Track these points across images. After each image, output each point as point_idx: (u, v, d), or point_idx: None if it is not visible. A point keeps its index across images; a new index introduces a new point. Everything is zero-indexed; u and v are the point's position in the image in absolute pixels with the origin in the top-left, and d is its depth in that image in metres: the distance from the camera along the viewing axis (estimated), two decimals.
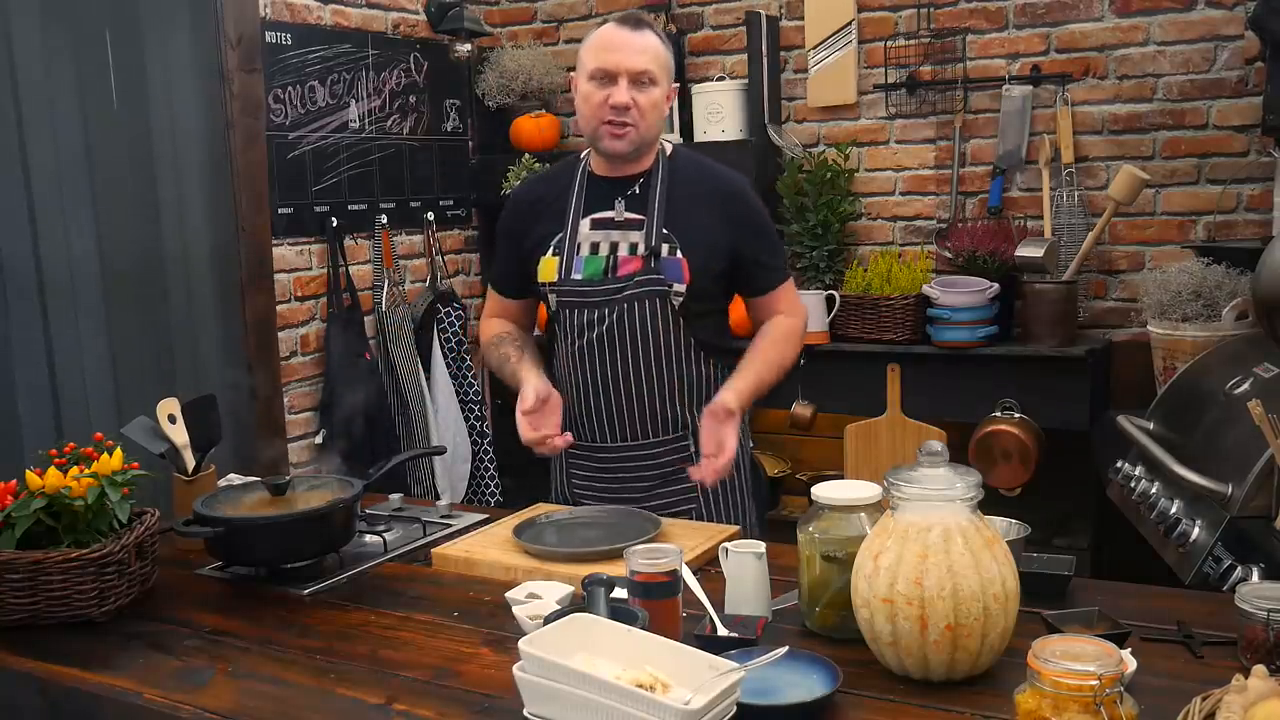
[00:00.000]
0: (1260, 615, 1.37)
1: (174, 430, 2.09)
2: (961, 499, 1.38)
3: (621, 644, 1.32)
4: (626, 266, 2.07)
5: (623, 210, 2.10)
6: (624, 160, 2.10)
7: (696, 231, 2.07)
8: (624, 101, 2.01)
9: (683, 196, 2.09)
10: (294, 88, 3.51)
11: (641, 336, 2.08)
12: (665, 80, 2.07)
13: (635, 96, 2.02)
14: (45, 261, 2.86)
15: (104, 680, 1.52)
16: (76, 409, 2.91)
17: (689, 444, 2.14)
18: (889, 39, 3.69)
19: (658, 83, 2.04)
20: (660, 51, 2.06)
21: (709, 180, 2.13)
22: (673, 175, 2.11)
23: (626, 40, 2.02)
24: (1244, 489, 2.11)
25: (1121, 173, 3.25)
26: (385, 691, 1.44)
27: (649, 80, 2.03)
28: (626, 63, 2.01)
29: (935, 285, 3.44)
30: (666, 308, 2.07)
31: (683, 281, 2.05)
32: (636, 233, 2.08)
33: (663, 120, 2.10)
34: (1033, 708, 1.16)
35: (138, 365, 3.06)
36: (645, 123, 2.04)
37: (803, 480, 3.89)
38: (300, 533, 1.85)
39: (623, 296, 2.07)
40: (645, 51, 2.03)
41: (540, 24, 4.33)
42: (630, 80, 2.02)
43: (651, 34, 2.06)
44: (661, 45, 2.07)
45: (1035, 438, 3.31)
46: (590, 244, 2.11)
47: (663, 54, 2.06)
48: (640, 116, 2.03)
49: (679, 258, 2.06)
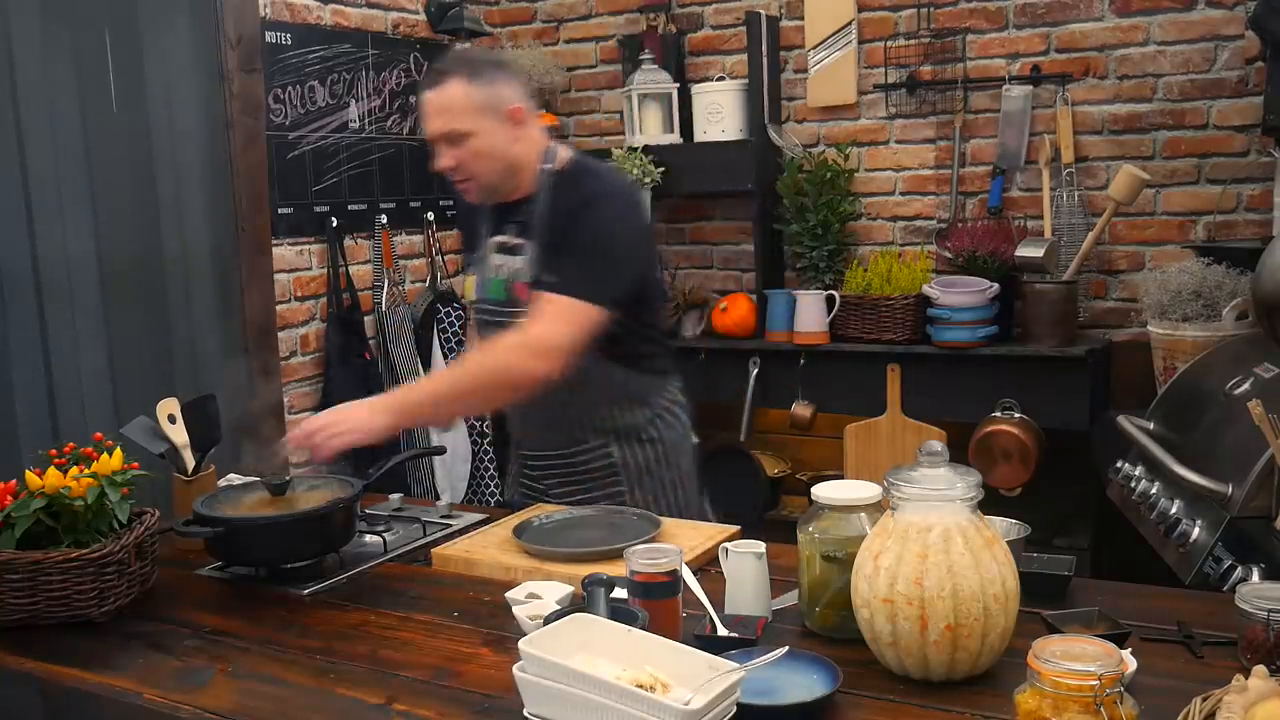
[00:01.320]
0: (1260, 615, 1.37)
1: (174, 430, 2.09)
2: (961, 499, 1.38)
3: (621, 644, 1.32)
4: (520, 292, 2.10)
5: (513, 236, 2.13)
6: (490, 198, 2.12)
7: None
8: (446, 165, 2.04)
9: (560, 219, 2.05)
10: (294, 88, 3.51)
11: None
12: (484, 121, 2.01)
13: (457, 154, 2.02)
14: (44, 262, 2.85)
15: (104, 680, 1.52)
16: (75, 409, 2.91)
17: (611, 450, 2.18)
18: (889, 39, 3.69)
19: (473, 132, 2.00)
20: (462, 100, 1.99)
21: (573, 199, 2.06)
22: (551, 199, 2.07)
23: (427, 105, 2.02)
24: (1244, 489, 2.11)
25: (1121, 173, 3.25)
26: (385, 691, 1.44)
27: (461, 136, 2.01)
28: (430, 129, 2.03)
29: (935, 285, 3.44)
30: None
31: None
32: (522, 259, 2.11)
33: (503, 157, 2.05)
34: (1033, 708, 1.16)
35: (137, 365, 3.06)
36: (479, 173, 2.05)
37: (803, 480, 3.89)
38: (300, 533, 1.85)
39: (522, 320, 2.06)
40: (444, 113, 2.00)
41: (540, 24, 4.33)
42: (445, 143, 2.02)
43: (453, 83, 2.00)
44: (466, 89, 1.99)
45: (1035, 438, 3.31)
46: (495, 266, 2.16)
47: (467, 100, 1.99)
48: (470, 170, 2.04)
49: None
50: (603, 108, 4.25)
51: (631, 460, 2.19)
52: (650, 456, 2.21)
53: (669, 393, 2.28)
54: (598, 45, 4.24)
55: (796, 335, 3.64)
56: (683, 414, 2.30)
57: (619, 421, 2.18)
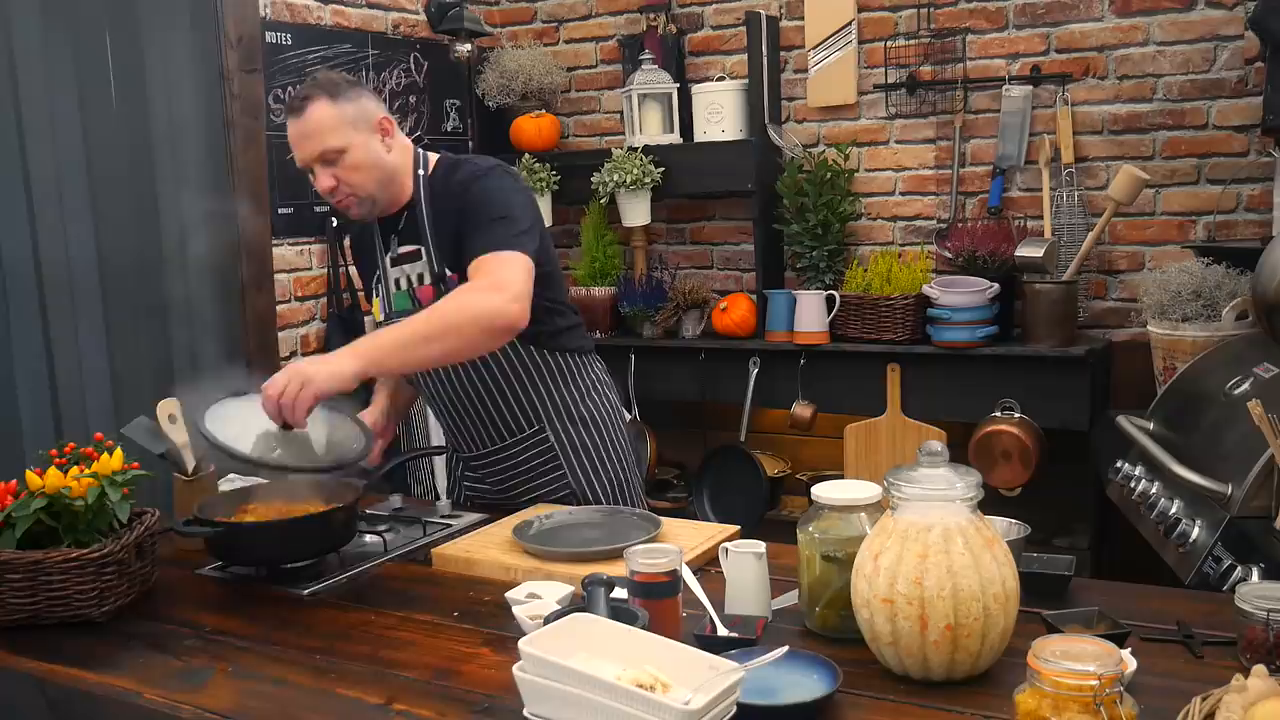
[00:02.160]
0: (1260, 615, 1.37)
1: (174, 430, 2.09)
2: (961, 499, 1.38)
3: (621, 644, 1.32)
4: (425, 295, 2.12)
5: (396, 247, 2.16)
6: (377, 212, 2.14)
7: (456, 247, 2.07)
8: (326, 186, 2.04)
9: (443, 216, 2.09)
10: (294, 88, 3.51)
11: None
12: (354, 135, 2.02)
13: (335, 173, 2.03)
14: (45, 261, 2.85)
15: (104, 680, 1.52)
16: (76, 409, 2.91)
17: (548, 436, 2.22)
18: (889, 39, 3.69)
19: (345, 148, 2.01)
20: (328, 119, 2.00)
21: (454, 186, 2.10)
22: (431, 199, 2.12)
23: (295, 132, 2.03)
24: (1244, 489, 2.11)
25: (1121, 173, 3.25)
26: (385, 691, 1.44)
27: (333, 153, 2.01)
28: (305, 153, 2.03)
29: (935, 285, 3.44)
30: None
31: None
32: (420, 263, 2.14)
33: (379, 167, 2.07)
34: (1033, 708, 1.16)
35: (137, 365, 3.06)
36: (359, 187, 2.06)
37: (803, 480, 3.89)
38: (300, 533, 1.86)
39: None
40: (313, 135, 2.01)
41: (540, 24, 4.33)
42: (320, 165, 2.03)
43: (315, 105, 2.00)
44: (329, 107, 2.00)
45: (1035, 438, 3.31)
46: (394, 280, 2.19)
47: (332, 118, 2.00)
48: (351, 186, 2.05)
49: (455, 277, 2.07)
50: (603, 108, 4.25)
51: (567, 441, 2.23)
52: (584, 435, 2.24)
53: (593, 371, 2.31)
54: (598, 45, 4.24)
55: (796, 335, 3.64)
56: (610, 392, 2.33)
57: (548, 404, 2.21)
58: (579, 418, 2.24)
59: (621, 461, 2.29)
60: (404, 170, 2.13)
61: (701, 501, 3.93)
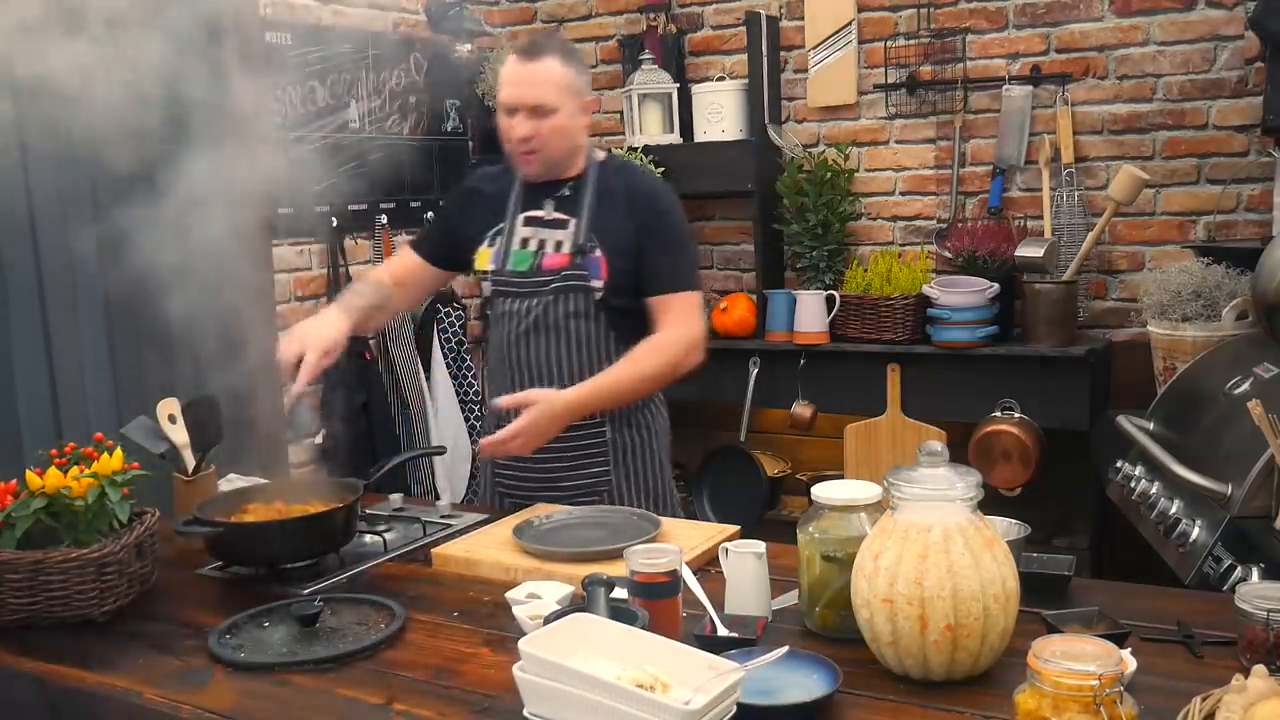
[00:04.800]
0: (1260, 615, 1.37)
1: (174, 430, 2.09)
2: (961, 499, 1.38)
3: (621, 644, 1.32)
4: (552, 262, 2.21)
5: (552, 210, 2.24)
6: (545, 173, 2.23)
7: (614, 233, 2.19)
8: (524, 134, 2.14)
9: (606, 201, 2.22)
10: (294, 88, 3.51)
11: (565, 326, 2.20)
12: (569, 101, 2.16)
13: (537, 126, 2.13)
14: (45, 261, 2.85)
15: (104, 680, 1.52)
16: (76, 409, 2.91)
17: (605, 430, 2.25)
18: (889, 39, 3.69)
19: (558, 109, 2.14)
20: (557, 78, 2.14)
21: (630, 187, 2.24)
22: (600, 181, 2.24)
23: (522, 74, 2.14)
24: (1244, 489, 2.11)
25: (1121, 173, 3.25)
26: (385, 691, 1.44)
27: (547, 110, 2.13)
28: (522, 98, 2.13)
29: (935, 285, 3.44)
30: (589, 301, 2.19)
31: (600, 278, 2.18)
32: (563, 231, 2.22)
33: (573, 138, 2.20)
34: (1033, 708, 1.16)
35: (138, 365, 3.06)
36: (550, 147, 2.17)
37: (803, 480, 3.89)
38: (300, 533, 1.86)
39: (549, 290, 2.20)
40: (539, 85, 2.12)
41: (540, 24, 4.33)
42: (529, 113, 2.13)
43: (550, 60, 2.14)
44: (562, 69, 2.14)
45: (1035, 438, 3.31)
46: (521, 239, 2.25)
47: (561, 79, 2.14)
48: (544, 143, 2.16)
49: (598, 256, 2.18)
50: (603, 108, 4.25)
51: (620, 441, 2.26)
52: (637, 440, 2.28)
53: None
54: (598, 45, 4.24)
55: (796, 335, 3.64)
56: (664, 407, 2.39)
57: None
58: (636, 423, 2.28)
59: (660, 469, 2.34)
60: (583, 149, 2.25)
61: (701, 501, 3.93)
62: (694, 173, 3.82)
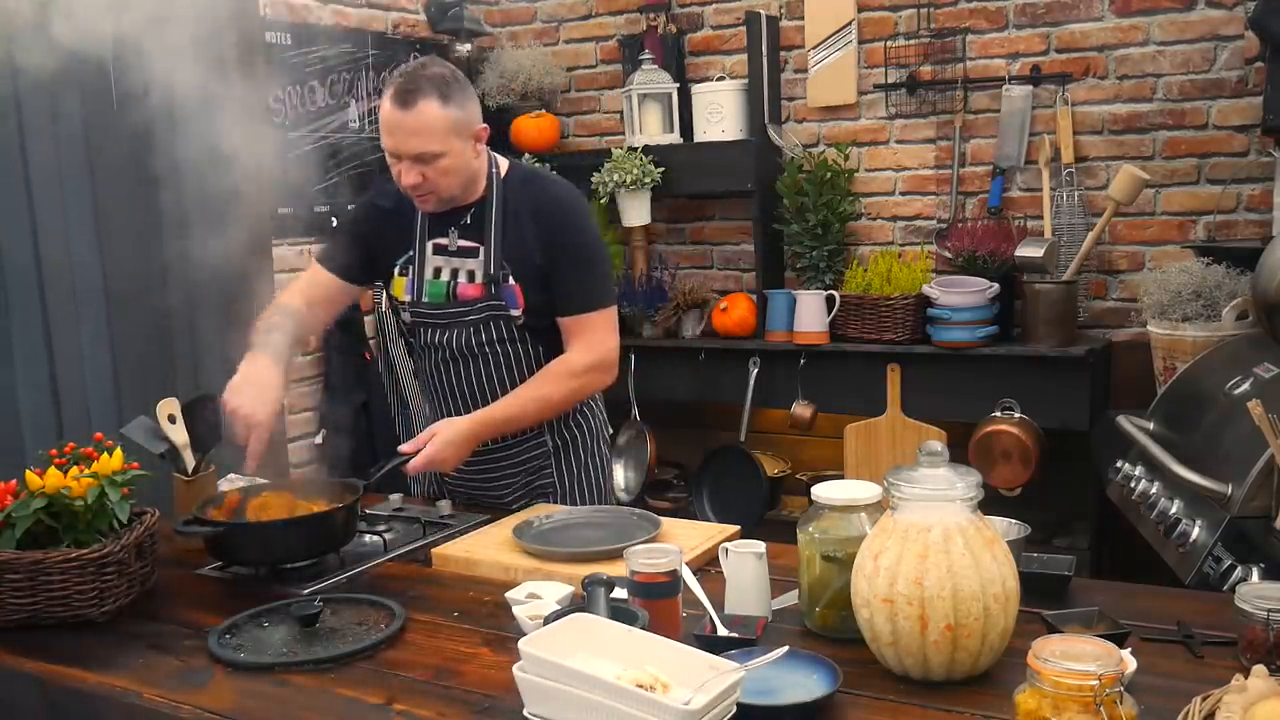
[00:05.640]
0: (1260, 615, 1.37)
1: (174, 430, 2.09)
2: (961, 499, 1.38)
3: (621, 644, 1.32)
4: (467, 291, 2.16)
5: (456, 239, 2.18)
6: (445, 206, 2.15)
7: (524, 260, 2.14)
8: (411, 182, 2.06)
9: (513, 222, 2.15)
10: (294, 88, 3.51)
11: (489, 353, 2.19)
12: (454, 142, 2.04)
13: (423, 171, 2.04)
14: (46, 261, 2.85)
15: (104, 680, 1.52)
16: (76, 409, 2.91)
17: (545, 440, 2.27)
18: (889, 39, 3.69)
19: (443, 154, 2.03)
20: (436, 124, 2.01)
21: (536, 201, 2.16)
22: (505, 201, 2.16)
23: (400, 123, 2.01)
24: (1244, 489, 2.11)
25: (1121, 173, 3.25)
26: (385, 691, 1.44)
27: (431, 156, 2.03)
28: (402, 146, 2.03)
29: (935, 285, 3.44)
30: (510, 326, 2.17)
31: (518, 307, 2.15)
32: (473, 260, 2.17)
33: (464, 172, 2.10)
34: (1033, 708, 1.16)
35: (138, 365, 3.06)
36: (441, 188, 2.09)
37: (803, 480, 3.89)
38: (300, 533, 1.86)
39: (468, 320, 2.17)
40: (419, 134, 2.01)
41: (540, 24, 4.33)
42: (413, 160, 2.04)
43: (426, 103, 1.99)
44: (439, 111, 2.00)
45: (1035, 438, 3.31)
46: (433, 269, 2.20)
47: (441, 124, 2.01)
48: (434, 186, 2.07)
49: (513, 284, 2.14)
50: (603, 108, 4.25)
51: (559, 446, 2.29)
52: (574, 440, 2.31)
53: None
54: (598, 45, 4.24)
55: (796, 335, 3.64)
56: (600, 407, 2.40)
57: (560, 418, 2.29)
58: (574, 422, 2.30)
59: (601, 472, 2.36)
60: (482, 172, 2.17)
61: (701, 501, 3.93)
62: (694, 173, 3.82)
